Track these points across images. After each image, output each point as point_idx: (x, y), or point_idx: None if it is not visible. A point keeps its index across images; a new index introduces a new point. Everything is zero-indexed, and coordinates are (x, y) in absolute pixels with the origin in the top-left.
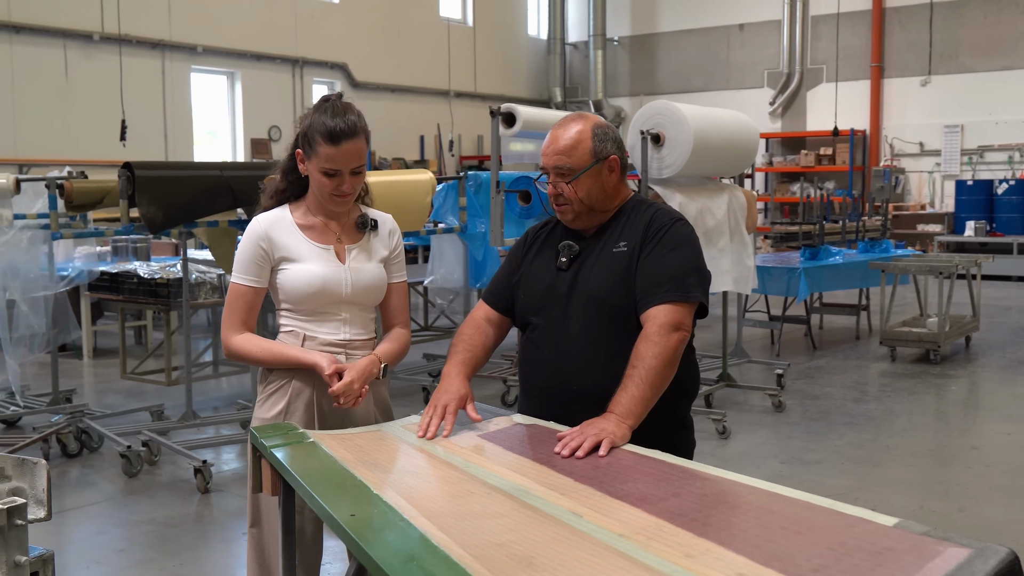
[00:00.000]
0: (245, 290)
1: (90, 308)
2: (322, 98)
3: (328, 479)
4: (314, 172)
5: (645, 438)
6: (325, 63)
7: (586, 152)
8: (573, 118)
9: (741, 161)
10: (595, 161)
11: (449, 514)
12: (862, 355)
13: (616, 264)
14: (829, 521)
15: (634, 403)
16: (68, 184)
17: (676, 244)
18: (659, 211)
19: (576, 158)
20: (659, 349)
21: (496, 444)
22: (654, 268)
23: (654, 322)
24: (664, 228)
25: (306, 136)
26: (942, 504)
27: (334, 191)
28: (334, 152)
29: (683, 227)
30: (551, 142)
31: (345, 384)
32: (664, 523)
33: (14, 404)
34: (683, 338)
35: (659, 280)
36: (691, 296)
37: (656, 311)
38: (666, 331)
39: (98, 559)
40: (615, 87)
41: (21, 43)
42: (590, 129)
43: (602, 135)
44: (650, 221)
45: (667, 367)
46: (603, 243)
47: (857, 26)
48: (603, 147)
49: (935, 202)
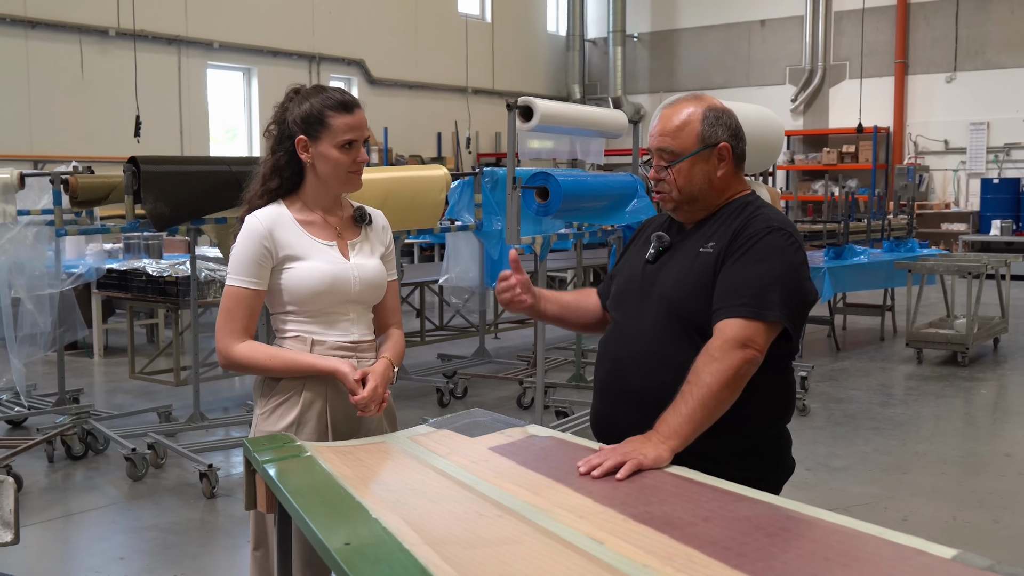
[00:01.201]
0: (246, 293)
1: (101, 306)
2: (294, 88)
3: (323, 499)
4: (328, 152)
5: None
6: (342, 59)
7: (693, 135)
8: (687, 99)
9: (766, 157)
10: (702, 147)
11: (456, 541)
12: (887, 357)
13: (698, 265)
14: (879, 552)
15: (682, 423)
16: (73, 179)
17: (766, 255)
18: (759, 215)
19: (681, 141)
20: (719, 367)
21: (509, 459)
22: (735, 279)
23: (720, 336)
24: (757, 236)
25: (311, 117)
26: (976, 515)
27: (351, 167)
28: (352, 120)
29: (780, 237)
30: (659, 122)
31: (371, 390)
32: (694, 552)
33: (19, 404)
34: (750, 358)
35: (736, 291)
36: (768, 314)
37: (725, 324)
38: (730, 347)
39: (96, 567)
40: (635, 84)
41: (37, 39)
42: (701, 111)
43: (714, 119)
44: (745, 224)
45: (725, 388)
46: (695, 240)
47: (881, 22)
48: (713, 132)
49: (960, 201)
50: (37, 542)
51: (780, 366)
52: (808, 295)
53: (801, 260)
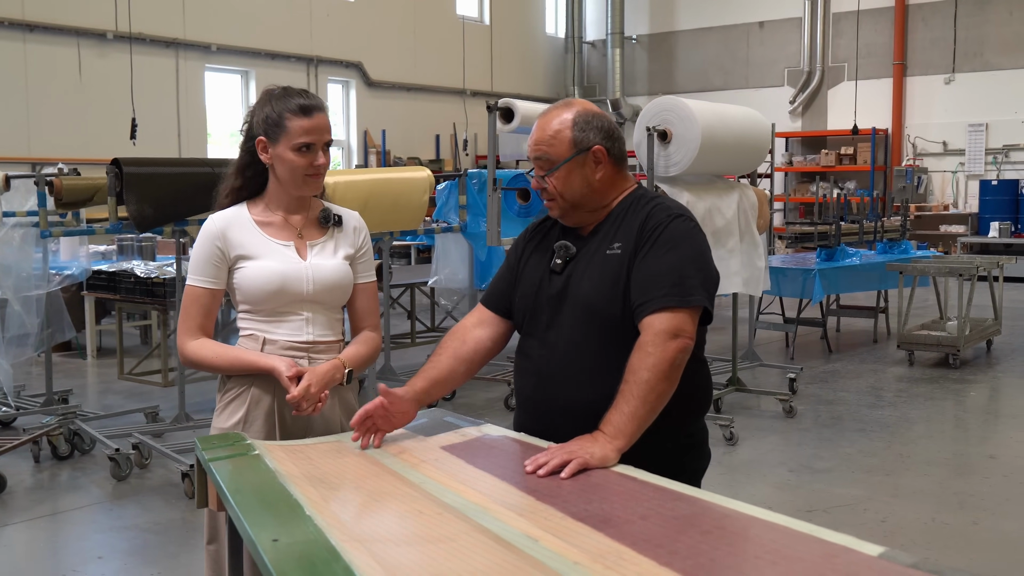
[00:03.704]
0: (200, 292)
1: (94, 307)
2: (267, 90)
3: (259, 497)
4: (285, 154)
5: (651, 458)
6: (340, 62)
7: (565, 142)
8: (559, 106)
9: (752, 159)
10: (576, 152)
11: (389, 538)
12: (879, 359)
13: (609, 268)
14: (809, 550)
15: (625, 421)
16: (57, 181)
17: (674, 243)
18: (657, 206)
19: (555, 149)
20: (654, 360)
21: (460, 458)
22: (650, 271)
23: (650, 330)
24: (661, 226)
25: (269, 120)
26: (956, 516)
27: (308, 170)
28: (309, 124)
29: (683, 223)
30: (535, 131)
31: (302, 389)
32: (626, 549)
33: (6, 405)
34: (683, 347)
35: (655, 284)
36: (692, 300)
37: (652, 319)
38: (663, 340)
39: (74, 566)
40: (633, 86)
41: (35, 42)
42: (571, 118)
43: (584, 124)
44: (646, 218)
45: (663, 380)
46: (597, 244)
47: (879, 23)
48: (585, 137)
49: (958, 202)
50: (20, 541)
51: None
52: (716, 275)
53: (705, 242)
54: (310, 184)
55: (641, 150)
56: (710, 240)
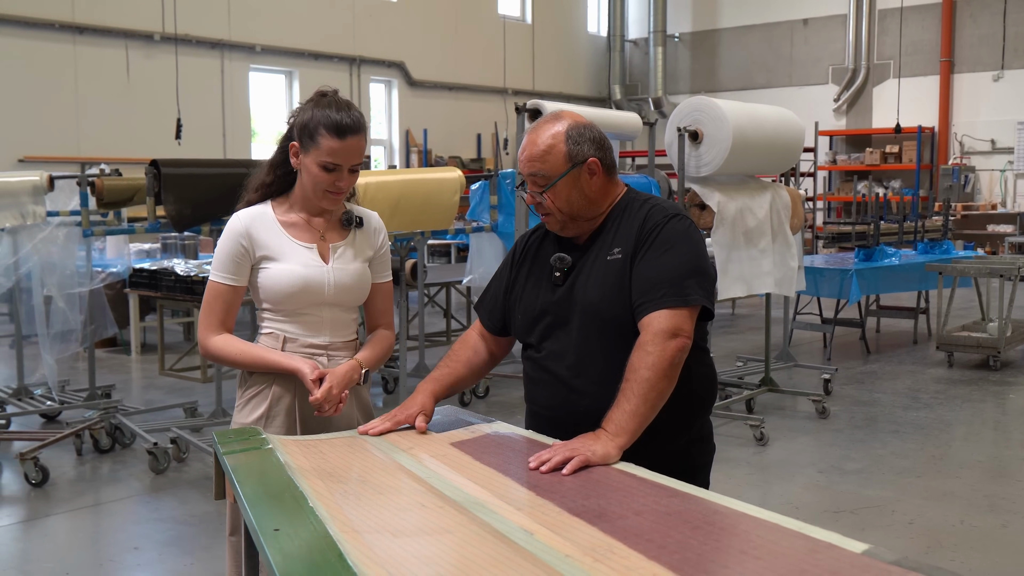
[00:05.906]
0: (223, 289)
1: (139, 304)
2: (319, 92)
3: (266, 489)
4: (311, 166)
5: (658, 455)
6: (382, 62)
7: (560, 157)
8: (547, 120)
9: (785, 159)
10: (572, 166)
11: (387, 530)
12: (918, 360)
13: (611, 273)
14: (793, 546)
15: (627, 419)
16: (99, 181)
17: (672, 243)
18: (653, 208)
19: (550, 164)
20: (653, 359)
21: (467, 454)
22: (649, 272)
23: (649, 330)
24: (658, 227)
25: (306, 128)
26: (985, 519)
27: (329, 187)
28: (338, 146)
29: (679, 223)
30: (525, 147)
31: (325, 391)
32: (616, 543)
33: (50, 399)
34: (681, 345)
35: (655, 284)
36: (690, 299)
37: (652, 318)
38: (661, 339)
39: (112, 556)
40: (675, 84)
41: (84, 43)
42: (564, 131)
43: (577, 137)
44: (644, 220)
45: (663, 379)
46: (597, 251)
47: (926, 20)
48: (579, 150)
49: (1007, 201)
50: (62, 531)
51: (697, 348)
52: (713, 273)
53: (702, 241)
54: (328, 199)
55: (672, 150)
56: (741, 240)
